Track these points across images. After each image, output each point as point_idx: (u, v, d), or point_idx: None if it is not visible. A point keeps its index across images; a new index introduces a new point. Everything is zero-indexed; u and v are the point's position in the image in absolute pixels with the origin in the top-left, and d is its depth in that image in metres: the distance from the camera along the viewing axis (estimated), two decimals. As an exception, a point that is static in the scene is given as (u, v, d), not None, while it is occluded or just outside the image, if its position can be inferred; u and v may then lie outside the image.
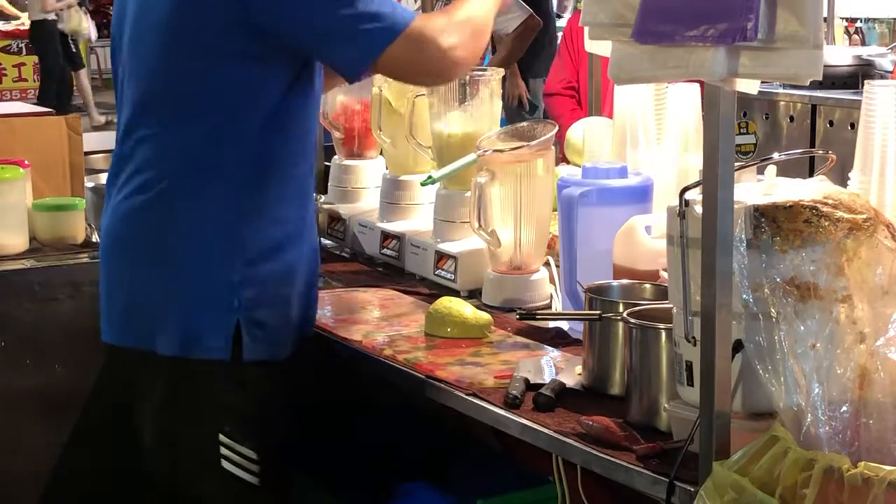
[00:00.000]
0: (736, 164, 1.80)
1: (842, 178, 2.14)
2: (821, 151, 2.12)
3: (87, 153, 3.57)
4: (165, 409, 2.44)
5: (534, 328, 2.61)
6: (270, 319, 2.42)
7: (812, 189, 1.90)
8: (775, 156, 1.98)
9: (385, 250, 3.16)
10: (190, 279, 2.38)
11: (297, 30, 2.33)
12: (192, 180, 2.38)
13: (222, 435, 2.39)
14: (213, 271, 2.37)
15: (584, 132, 3.11)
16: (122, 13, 2.51)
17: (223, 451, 2.39)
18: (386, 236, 3.16)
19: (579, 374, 2.30)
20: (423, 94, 3.04)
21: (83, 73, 13.24)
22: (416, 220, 3.16)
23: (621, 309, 2.18)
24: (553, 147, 2.78)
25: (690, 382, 1.90)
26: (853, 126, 5.56)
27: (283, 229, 2.44)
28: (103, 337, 2.54)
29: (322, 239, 3.39)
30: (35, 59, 12.60)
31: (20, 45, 12.59)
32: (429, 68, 2.41)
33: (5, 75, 12.54)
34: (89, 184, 3.53)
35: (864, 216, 1.85)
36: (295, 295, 2.48)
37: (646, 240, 2.44)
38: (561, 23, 8.42)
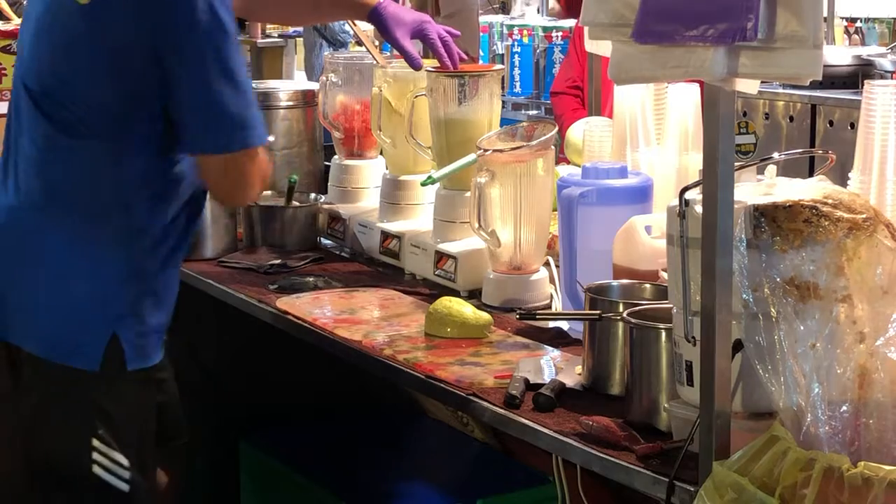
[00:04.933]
0: (736, 164, 1.80)
1: (842, 178, 2.14)
2: (821, 151, 2.12)
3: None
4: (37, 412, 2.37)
5: (534, 328, 2.61)
6: (147, 328, 2.39)
7: (812, 189, 1.90)
8: (775, 156, 1.98)
9: (385, 250, 3.15)
10: (69, 286, 2.34)
11: (180, 92, 2.31)
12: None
13: (95, 440, 2.33)
14: (95, 281, 2.34)
15: (584, 132, 3.10)
16: None
17: (95, 456, 2.34)
18: (386, 236, 3.15)
19: (579, 374, 2.30)
20: (423, 94, 3.04)
21: None
22: (416, 220, 3.16)
23: (621, 309, 2.18)
24: (553, 147, 2.78)
25: (690, 382, 1.90)
26: (853, 126, 5.56)
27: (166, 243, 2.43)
28: None
29: (322, 239, 3.40)
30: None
31: (20, 45, 12.60)
32: (237, 191, 2.46)
33: (5, 75, 12.55)
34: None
35: (864, 216, 1.85)
36: (171, 303, 2.48)
37: (646, 240, 2.44)
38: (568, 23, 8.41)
